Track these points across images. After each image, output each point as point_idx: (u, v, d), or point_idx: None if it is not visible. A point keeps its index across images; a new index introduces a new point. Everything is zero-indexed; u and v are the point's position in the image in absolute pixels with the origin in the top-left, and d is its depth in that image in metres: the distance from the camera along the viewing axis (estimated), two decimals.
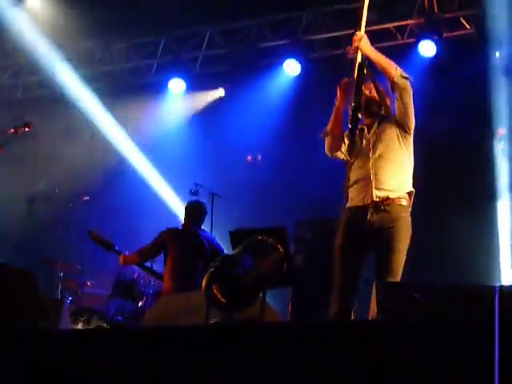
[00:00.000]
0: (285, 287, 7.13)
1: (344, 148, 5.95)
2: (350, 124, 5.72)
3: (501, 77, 9.96)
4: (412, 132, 5.83)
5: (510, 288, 4.29)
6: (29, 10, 11.19)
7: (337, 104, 5.91)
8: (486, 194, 9.60)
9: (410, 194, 5.75)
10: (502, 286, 3.81)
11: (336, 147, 5.99)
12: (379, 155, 5.76)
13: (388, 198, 5.63)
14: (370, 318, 4.73)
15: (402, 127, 5.80)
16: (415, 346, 3.24)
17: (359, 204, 5.71)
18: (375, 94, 5.94)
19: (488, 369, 3.07)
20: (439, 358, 3.19)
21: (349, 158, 5.91)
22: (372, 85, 5.94)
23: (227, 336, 3.56)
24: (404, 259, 5.61)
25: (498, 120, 9.75)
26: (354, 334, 3.39)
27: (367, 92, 5.93)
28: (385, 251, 5.61)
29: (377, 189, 5.67)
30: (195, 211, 8.11)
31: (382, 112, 5.94)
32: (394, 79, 5.70)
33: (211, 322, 4.28)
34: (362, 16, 5.94)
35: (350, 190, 5.82)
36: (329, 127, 5.98)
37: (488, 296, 4.19)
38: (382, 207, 5.64)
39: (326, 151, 6.07)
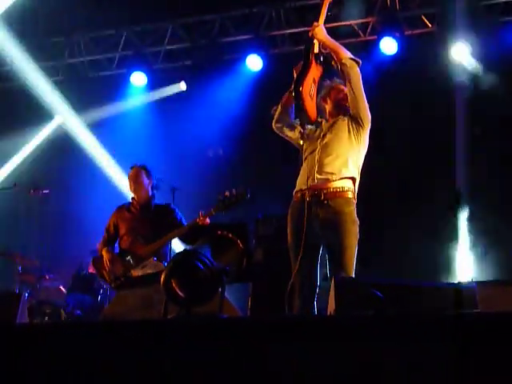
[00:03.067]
0: (244, 282, 7.17)
1: (296, 134, 6.16)
2: (293, 92, 5.91)
3: (462, 75, 10.05)
4: (366, 125, 5.90)
5: (467, 286, 4.34)
6: None
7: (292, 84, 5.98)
8: (448, 194, 9.68)
9: (353, 180, 5.81)
10: (459, 284, 3.85)
11: (283, 120, 6.24)
12: (326, 143, 5.90)
13: (330, 189, 5.70)
14: (328, 313, 4.75)
15: (355, 119, 5.90)
16: (373, 341, 3.25)
17: (302, 188, 5.85)
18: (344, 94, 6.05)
19: (448, 366, 3.09)
20: (398, 354, 3.20)
21: (300, 142, 6.11)
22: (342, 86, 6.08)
23: (185, 331, 3.55)
24: (355, 253, 5.68)
25: (460, 119, 9.84)
26: (311, 329, 3.39)
27: (340, 91, 6.10)
28: (335, 249, 5.67)
29: (318, 172, 5.75)
30: None
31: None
32: (343, 60, 5.90)
33: (169, 317, 4.26)
34: (323, 7, 6.09)
35: (299, 175, 5.92)
36: (282, 100, 6.25)
37: (446, 292, 4.23)
38: (326, 202, 5.70)
39: (272, 124, 6.20)
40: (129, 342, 3.54)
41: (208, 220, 7.13)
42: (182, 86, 11.81)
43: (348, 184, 5.78)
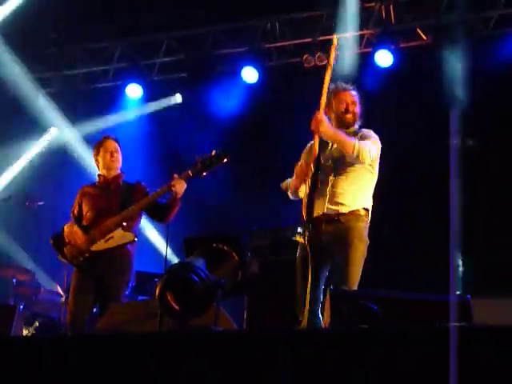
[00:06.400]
0: (240, 295, 7.13)
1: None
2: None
3: (455, 87, 10.06)
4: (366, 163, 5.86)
5: (462, 298, 4.34)
6: None
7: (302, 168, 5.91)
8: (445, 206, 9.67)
9: (366, 209, 5.81)
10: (454, 296, 3.85)
11: (298, 189, 6.03)
12: (337, 172, 5.85)
13: (340, 212, 5.70)
14: (323, 325, 4.75)
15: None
16: (368, 354, 3.25)
17: (314, 216, 5.77)
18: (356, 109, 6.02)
19: (442, 378, 3.09)
20: (393, 366, 3.20)
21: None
22: (346, 98, 6.02)
23: (180, 344, 3.54)
24: (359, 271, 5.65)
25: (454, 131, 9.83)
26: (306, 342, 3.39)
27: (341, 101, 6.01)
28: (339, 262, 5.65)
29: (330, 203, 5.73)
30: None
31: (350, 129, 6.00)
32: (351, 154, 5.72)
33: (164, 329, 4.26)
34: (322, 95, 5.82)
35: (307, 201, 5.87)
36: (296, 173, 5.99)
37: (441, 305, 4.23)
38: (336, 217, 5.70)
39: (289, 196, 6.14)
40: (123, 355, 3.54)
41: (185, 184, 6.45)
42: (178, 98, 11.83)
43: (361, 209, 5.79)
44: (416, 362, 3.16)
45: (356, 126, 6.03)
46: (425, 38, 10.40)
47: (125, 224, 6.51)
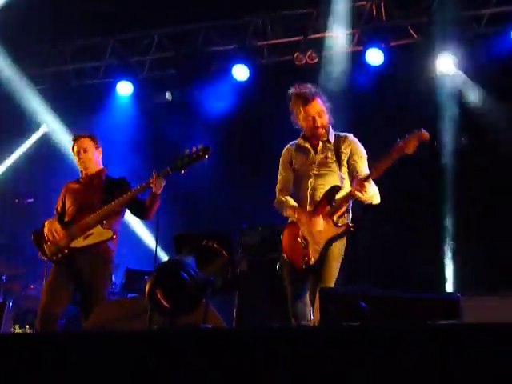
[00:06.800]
0: (230, 293, 7.12)
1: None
2: None
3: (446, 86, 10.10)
4: None
5: (451, 297, 4.34)
6: None
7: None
8: (436, 207, 9.71)
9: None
10: (443, 295, 3.85)
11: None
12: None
13: None
14: (312, 324, 4.75)
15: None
16: (357, 352, 3.25)
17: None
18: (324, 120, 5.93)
19: (432, 376, 3.09)
20: (382, 365, 3.20)
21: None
22: (311, 111, 5.90)
23: (170, 341, 3.53)
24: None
25: (446, 131, 9.86)
26: (296, 340, 3.38)
27: (307, 116, 5.90)
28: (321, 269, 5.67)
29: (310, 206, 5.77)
30: None
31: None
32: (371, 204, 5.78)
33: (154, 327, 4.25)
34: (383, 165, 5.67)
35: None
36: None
37: (431, 303, 4.24)
38: None
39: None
40: (112, 353, 3.52)
41: (163, 181, 6.41)
42: (168, 96, 11.80)
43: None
44: (410, 361, 3.16)
45: (330, 132, 5.98)
46: (415, 36, 10.40)
47: (104, 221, 6.47)
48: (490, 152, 9.70)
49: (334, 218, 5.64)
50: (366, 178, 5.59)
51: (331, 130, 5.98)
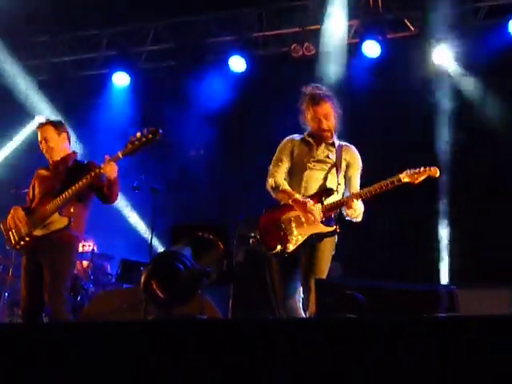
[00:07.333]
0: (225, 284, 7.13)
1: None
2: None
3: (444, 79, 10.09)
4: None
5: (447, 289, 4.35)
6: None
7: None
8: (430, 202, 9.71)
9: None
10: (439, 287, 3.86)
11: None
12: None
13: None
14: (308, 315, 4.75)
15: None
16: (353, 344, 3.25)
17: None
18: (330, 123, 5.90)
19: (428, 368, 3.10)
20: (377, 357, 3.20)
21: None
22: (318, 113, 5.87)
23: (165, 332, 3.53)
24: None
25: (442, 123, 9.86)
26: (292, 331, 3.39)
27: (313, 118, 5.89)
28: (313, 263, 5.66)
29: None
30: None
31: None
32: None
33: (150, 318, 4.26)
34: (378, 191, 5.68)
35: None
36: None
37: (427, 295, 4.24)
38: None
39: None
40: (108, 344, 3.52)
41: (115, 165, 6.28)
42: (165, 86, 11.77)
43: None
44: (410, 354, 3.16)
45: (335, 138, 5.96)
46: (412, 28, 10.39)
47: (63, 209, 6.36)
48: (487, 148, 9.69)
49: (323, 218, 5.63)
50: (356, 196, 5.62)
51: (335, 136, 5.97)
